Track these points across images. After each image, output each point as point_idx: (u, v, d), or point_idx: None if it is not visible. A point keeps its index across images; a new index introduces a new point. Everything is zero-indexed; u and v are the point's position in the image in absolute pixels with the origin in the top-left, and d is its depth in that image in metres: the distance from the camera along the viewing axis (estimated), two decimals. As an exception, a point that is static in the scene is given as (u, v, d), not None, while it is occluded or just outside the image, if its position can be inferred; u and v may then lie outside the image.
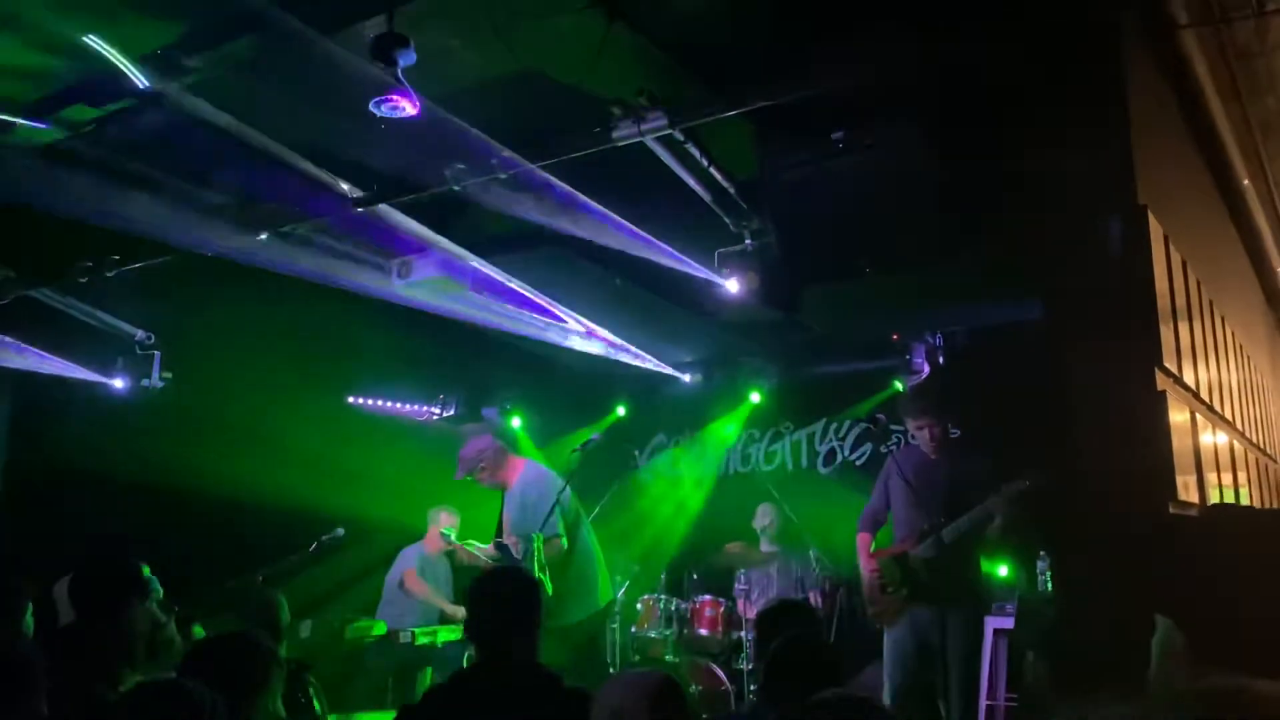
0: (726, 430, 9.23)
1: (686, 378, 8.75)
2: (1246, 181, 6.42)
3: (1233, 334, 6.22)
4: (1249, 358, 7.05)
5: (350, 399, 9.00)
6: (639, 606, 7.55)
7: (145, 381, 6.63)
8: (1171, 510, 3.87)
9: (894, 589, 5.67)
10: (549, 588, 5.96)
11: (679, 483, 9.36)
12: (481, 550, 6.46)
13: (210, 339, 7.58)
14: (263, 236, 5.45)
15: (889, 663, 5.75)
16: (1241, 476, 6.30)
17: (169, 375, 6.89)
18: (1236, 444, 5.90)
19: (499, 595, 3.34)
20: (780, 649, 3.44)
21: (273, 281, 6.27)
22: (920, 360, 7.64)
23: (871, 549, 5.91)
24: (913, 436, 5.85)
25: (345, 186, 5.02)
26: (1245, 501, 6.33)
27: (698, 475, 9.33)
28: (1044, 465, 4.89)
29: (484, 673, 3.25)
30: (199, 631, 4.84)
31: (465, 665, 5.23)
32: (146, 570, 4.03)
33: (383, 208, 5.27)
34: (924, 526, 5.56)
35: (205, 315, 7.42)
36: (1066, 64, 4.08)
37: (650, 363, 8.00)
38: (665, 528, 8.97)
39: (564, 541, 6.18)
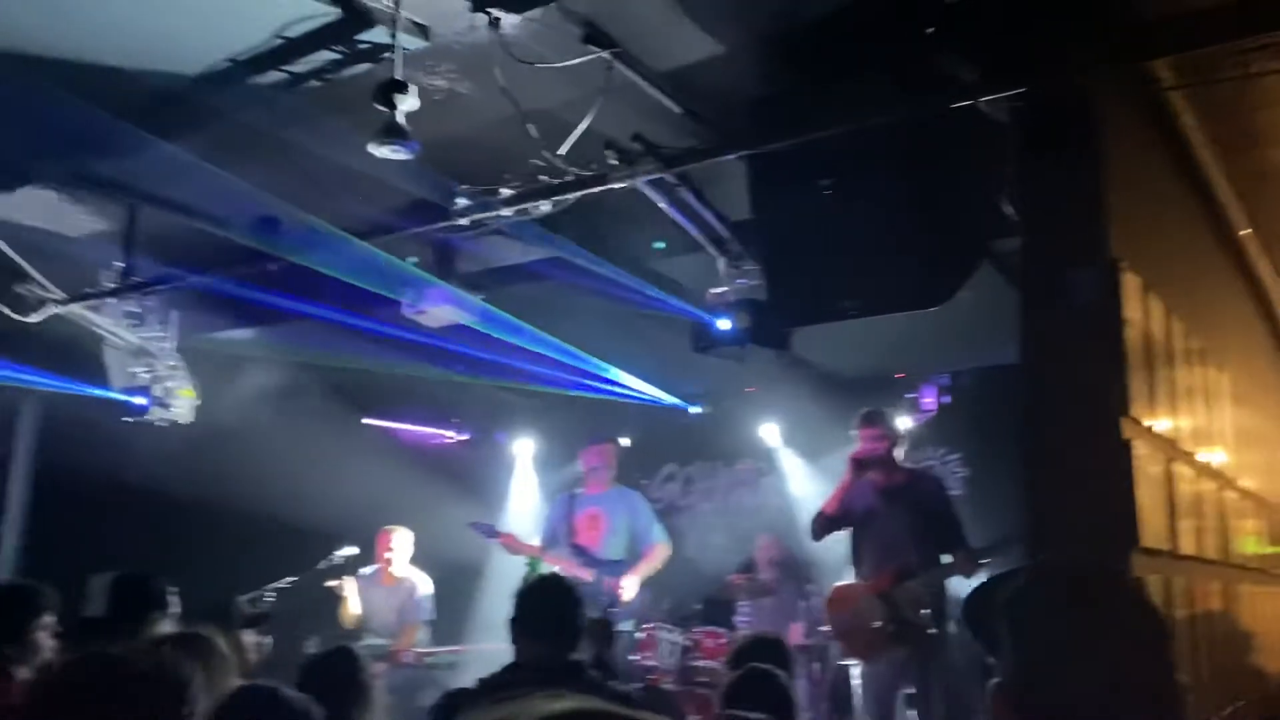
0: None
1: (692, 409, 8.87)
2: (1246, 231, 6.47)
3: (1231, 381, 6.24)
4: (1256, 404, 7.05)
5: (365, 419, 9.23)
6: (639, 634, 7.63)
7: (168, 400, 6.84)
8: (1134, 557, 3.93)
9: (881, 624, 5.73)
10: None
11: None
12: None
13: (233, 359, 7.84)
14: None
15: (868, 699, 5.83)
16: (1251, 525, 6.37)
17: (192, 394, 7.10)
18: (1230, 492, 5.92)
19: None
20: (735, 681, 3.60)
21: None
22: (930, 398, 7.71)
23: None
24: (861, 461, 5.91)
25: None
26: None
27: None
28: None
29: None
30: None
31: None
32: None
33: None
34: (896, 566, 5.68)
35: (228, 336, 7.70)
36: (1041, 115, 4.17)
37: (655, 395, 8.13)
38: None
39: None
